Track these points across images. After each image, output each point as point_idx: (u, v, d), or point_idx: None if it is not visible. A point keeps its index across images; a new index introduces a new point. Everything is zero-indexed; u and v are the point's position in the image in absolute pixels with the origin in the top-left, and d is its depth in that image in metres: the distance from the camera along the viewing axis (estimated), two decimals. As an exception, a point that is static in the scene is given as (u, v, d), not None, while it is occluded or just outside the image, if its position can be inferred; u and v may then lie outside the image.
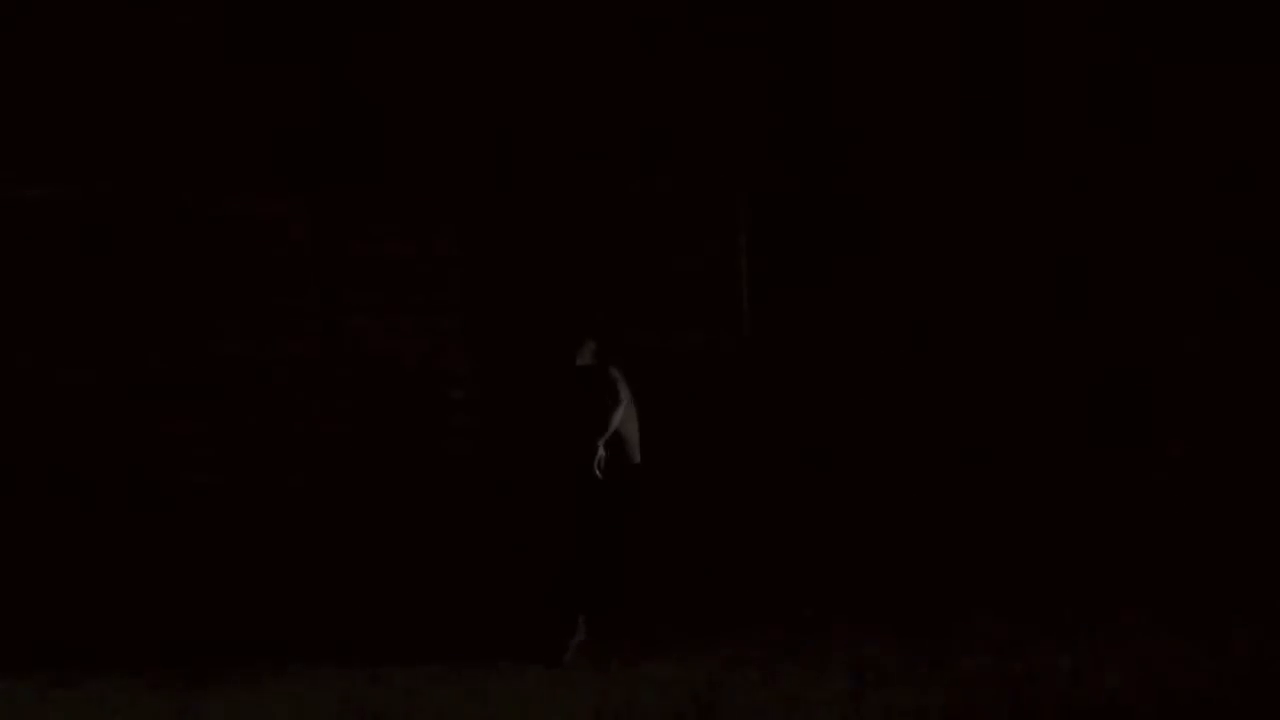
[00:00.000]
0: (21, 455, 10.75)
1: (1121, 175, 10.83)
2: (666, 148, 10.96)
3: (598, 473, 7.92)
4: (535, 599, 8.25)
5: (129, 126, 10.81)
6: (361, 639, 8.44)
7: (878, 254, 10.97)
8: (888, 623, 8.43)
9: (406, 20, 10.86)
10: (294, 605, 9.18)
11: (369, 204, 10.94)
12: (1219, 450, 10.69)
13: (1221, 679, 7.32)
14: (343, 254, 10.98)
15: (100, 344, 10.84)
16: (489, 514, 10.61)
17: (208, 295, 10.89)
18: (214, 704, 7.46)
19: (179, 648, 8.38)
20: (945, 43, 10.87)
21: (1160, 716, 6.87)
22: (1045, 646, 7.91)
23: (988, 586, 9.21)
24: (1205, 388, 10.79)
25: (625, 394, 8.00)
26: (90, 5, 10.71)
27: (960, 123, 10.89)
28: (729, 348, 10.85)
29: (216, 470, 10.85)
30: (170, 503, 10.71)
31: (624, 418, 8.01)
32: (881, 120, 10.91)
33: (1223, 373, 10.81)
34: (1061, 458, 10.87)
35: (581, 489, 8.00)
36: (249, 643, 8.42)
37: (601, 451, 7.93)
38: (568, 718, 7.11)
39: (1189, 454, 10.69)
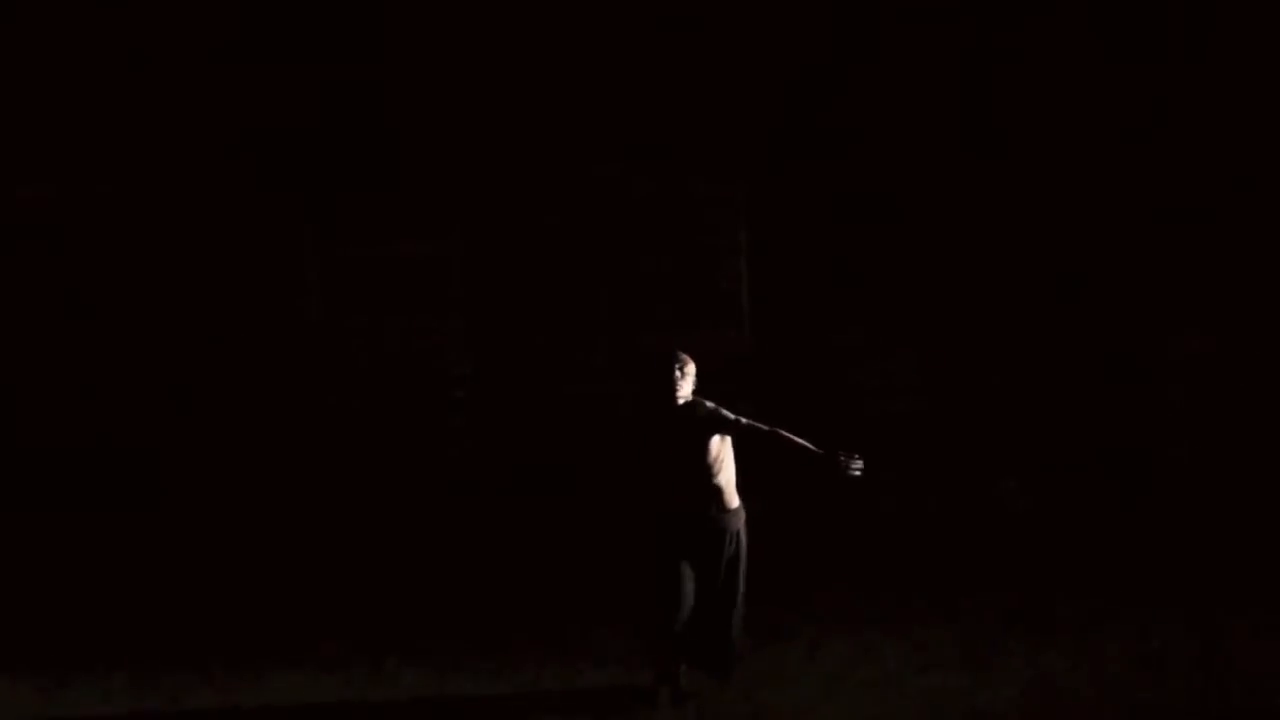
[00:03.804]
0: (22, 454, 10.78)
1: (1123, 177, 10.85)
2: (667, 149, 10.96)
3: (856, 472, 6.95)
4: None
5: (134, 127, 10.82)
6: (360, 640, 8.43)
7: (877, 255, 10.98)
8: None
9: (410, 23, 10.86)
10: (293, 606, 9.17)
11: (370, 205, 10.94)
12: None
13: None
14: (343, 254, 10.98)
15: (102, 343, 10.85)
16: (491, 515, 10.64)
17: (209, 295, 10.90)
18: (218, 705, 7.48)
19: (181, 648, 8.38)
20: (946, 43, 10.87)
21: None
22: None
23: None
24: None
25: None
26: (107, 5, 10.74)
27: (961, 122, 10.90)
28: (729, 348, 10.85)
29: (217, 468, 10.86)
30: (171, 500, 10.72)
31: None
32: (882, 120, 10.92)
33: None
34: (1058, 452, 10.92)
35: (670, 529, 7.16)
36: (251, 643, 8.42)
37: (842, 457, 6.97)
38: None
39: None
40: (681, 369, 7.05)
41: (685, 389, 7.06)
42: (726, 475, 7.12)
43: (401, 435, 10.95)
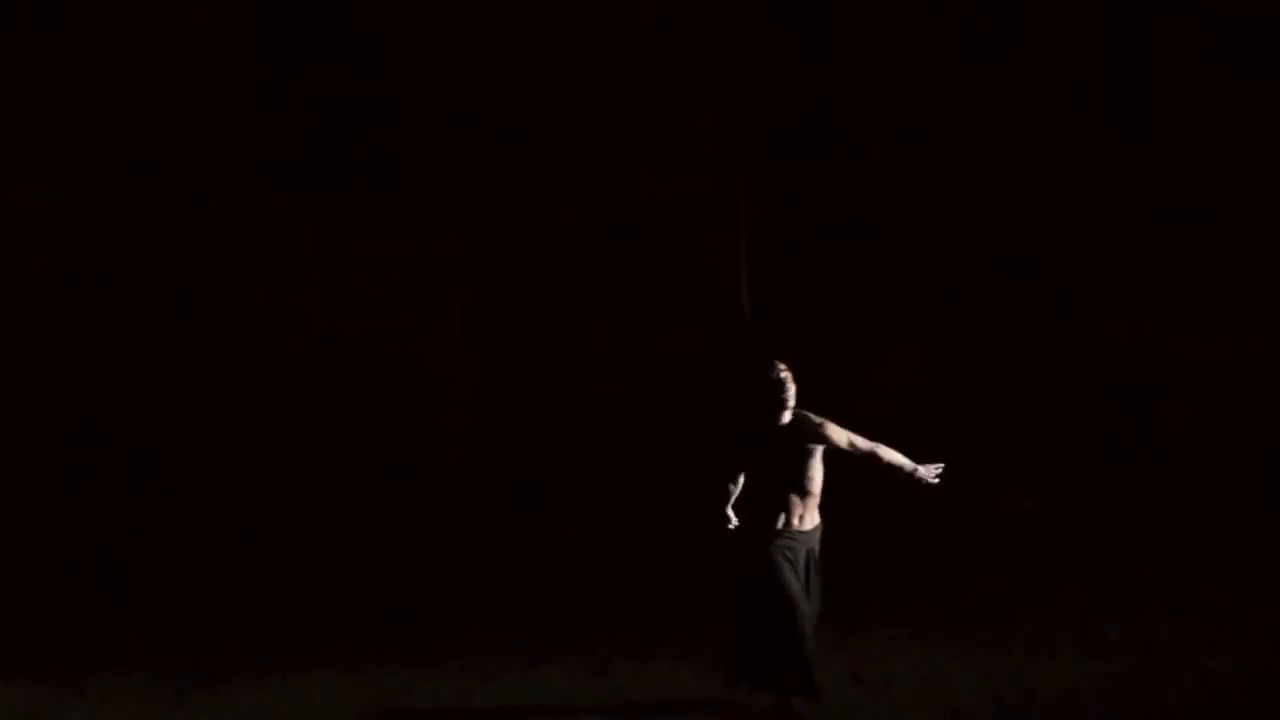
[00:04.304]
0: (22, 454, 10.77)
1: (1124, 178, 10.87)
2: (666, 149, 10.97)
3: (935, 480, 6.89)
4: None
5: (136, 128, 10.82)
6: (354, 639, 8.44)
7: (879, 254, 11.00)
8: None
9: (412, 25, 10.86)
10: (295, 606, 9.18)
11: (370, 205, 10.94)
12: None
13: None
14: (343, 254, 10.98)
15: (101, 343, 10.85)
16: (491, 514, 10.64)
17: (209, 294, 10.90)
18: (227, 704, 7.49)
19: (183, 647, 8.39)
20: (946, 42, 10.90)
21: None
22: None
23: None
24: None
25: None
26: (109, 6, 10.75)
27: (962, 122, 10.92)
28: (729, 348, 10.85)
29: (216, 468, 10.85)
30: (170, 499, 10.72)
31: None
32: (884, 119, 10.93)
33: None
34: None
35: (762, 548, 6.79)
36: (252, 644, 8.42)
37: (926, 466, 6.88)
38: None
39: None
40: (789, 382, 6.76)
41: (792, 402, 6.78)
42: (819, 489, 6.88)
43: (401, 435, 10.95)
